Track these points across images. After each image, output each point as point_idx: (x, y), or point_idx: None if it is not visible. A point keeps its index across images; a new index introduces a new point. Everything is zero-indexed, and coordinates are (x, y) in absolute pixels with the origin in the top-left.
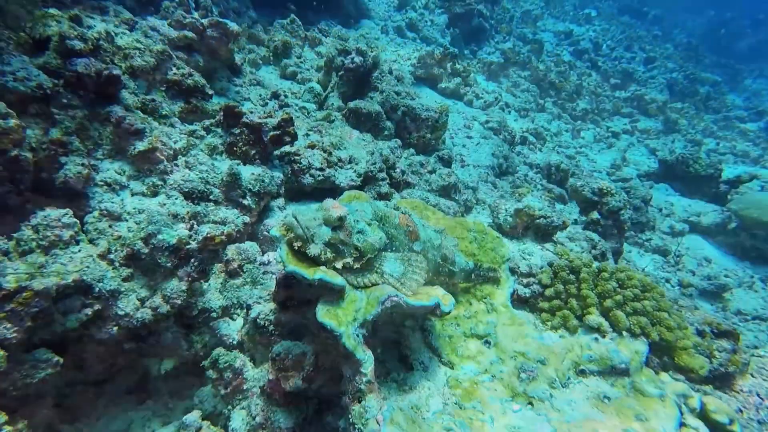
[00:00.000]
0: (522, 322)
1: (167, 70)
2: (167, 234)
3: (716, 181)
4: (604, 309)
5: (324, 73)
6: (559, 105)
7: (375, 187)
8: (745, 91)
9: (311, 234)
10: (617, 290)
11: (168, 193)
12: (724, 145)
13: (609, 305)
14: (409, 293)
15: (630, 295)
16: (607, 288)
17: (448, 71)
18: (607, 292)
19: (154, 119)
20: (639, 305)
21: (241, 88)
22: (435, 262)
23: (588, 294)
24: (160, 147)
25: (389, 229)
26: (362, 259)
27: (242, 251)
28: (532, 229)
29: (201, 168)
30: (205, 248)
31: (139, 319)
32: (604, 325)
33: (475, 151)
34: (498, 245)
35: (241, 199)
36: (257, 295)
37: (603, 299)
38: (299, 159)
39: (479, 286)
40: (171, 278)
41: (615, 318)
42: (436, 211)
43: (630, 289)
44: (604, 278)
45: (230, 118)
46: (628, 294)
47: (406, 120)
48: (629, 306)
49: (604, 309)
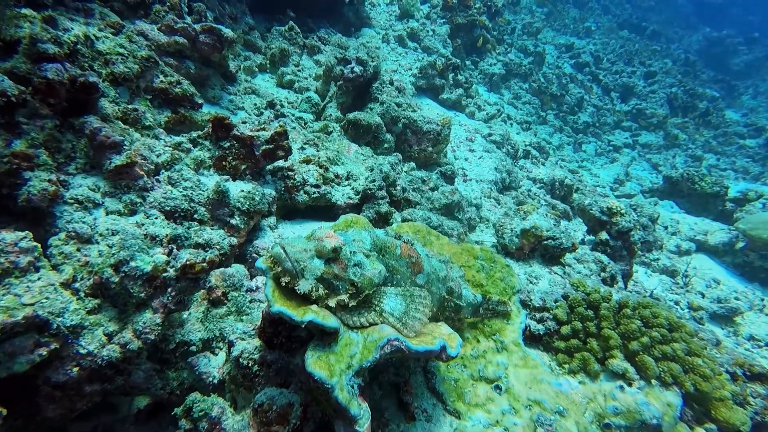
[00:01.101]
0: (536, 364)
1: (153, 77)
2: (141, 260)
3: (722, 198)
4: (629, 352)
5: (322, 83)
6: (560, 117)
7: (374, 206)
8: (742, 107)
9: (301, 268)
10: (643, 330)
11: (147, 211)
12: (724, 161)
13: (635, 348)
14: (412, 335)
15: (657, 337)
16: (631, 327)
17: (450, 82)
18: (632, 333)
19: (135, 130)
20: (668, 349)
21: (236, 96)
22: (440, 296)
23: (610, 334)
24: (139, 161)
25: (390, 260)
26: (359, 296)
27: (227, 277)
28: (539, 250)
29: (185, 184)
30: (183, 277)
31: (105, 358)
32: (630, 371)
33: (477, 165)
34: (507, 274)
35: (228, 218)
36: (241, 330)
37: (627, 340)
38: (293, 175)
39: (487, 321)
40: (144, 310)
41: (643, 364)
42: (440, 236)
43: (656, 329)
44: (627, 315)
45: (220, 131)
46: (655, 335)
47: (407, 132)
48: (657, 349)
49: (629, 352)
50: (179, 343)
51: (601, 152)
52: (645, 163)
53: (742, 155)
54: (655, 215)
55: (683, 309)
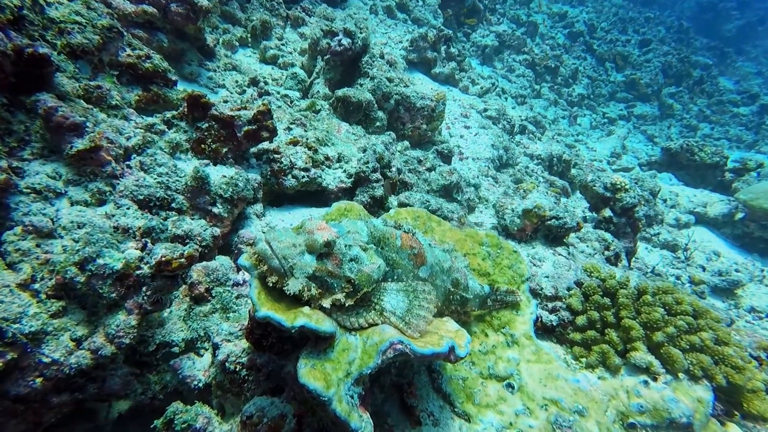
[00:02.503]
0: (550, 359)
1: (118, 50)
2: (110, 257)
3: (721, 169)
4: (653, 343)
5: (308, 57)
6: (555, 90)
7: (368, 190)
8: (735, 74)
9: (290, 266)
10: (667, 319)
11: (117, 201)
12: (718, 130)
13: (660, 339)
14: (416, 335)
15: (683, 326)
16: (654, 317)
17: (442, 55)
18: (655, 322)
19: (101, 110)
20: (696, 339)
21: (215, 73)
22: (444, 289)
23: (632, 325)
24: (105, 145)
25: (389, 253)
26: (356, 294)
27: (210, 271)
28: (542, 231)
29: (160, 170)
30: (159, 274)
31: (74, 366)
32: (655, 364)
33: (474, 143)
34: (515, 261)
35: (210, 206)
36: (226, 331)
37: (650, 331)
38: (280, 158)
39: (496, 312)
40: (117, 311)
41: (669, 356)
42: (442, 222)
43: (681, 317)
44: (647, 302)
45: (196, 110)
46: (681, 324)
47: (400, 109)
48: (684, 340)
49: (653, 343)
50: (160, 345)
51: (596, 125)
52: (641, 135)
53: (735, 123)
54: (656, 189)
55: (684, 283)
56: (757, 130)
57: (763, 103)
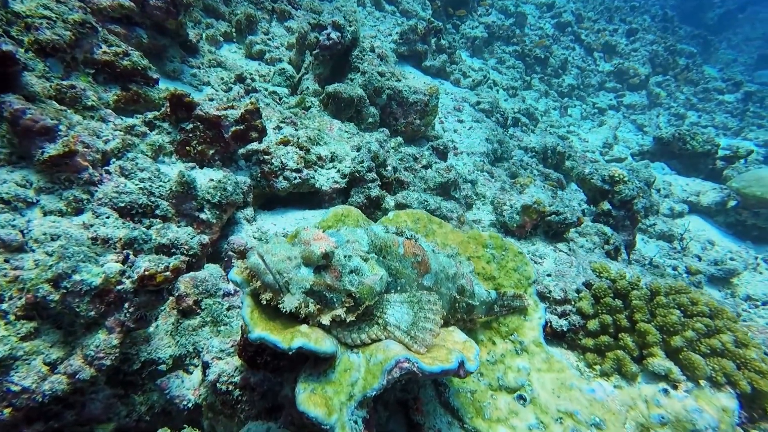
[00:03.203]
0: (562, 367)
1: (93, 47)
2: (87, 272)
3: (713, 157)
4: (671, 348)
5: (296, 52)
6: (545, 81)
7: (364, 190)
8: (718, 61)
9: (285, 281)
10: (684, 322)
11: (96, 210)
12: (705, 118)
13: (678, 344)
14: (423, 350)
15: (702, 328)
16: (670, 319)
17: (432, 48)
18: (672, 325)
19: (75, 112)
20: (717, 342)
21: (199, 70)
22: (450, 296)
23: (647, 329)
24: (81, 150)
25: (392, 262)
26: (358, 308)
27: (199, 282)
28: (541, 227)
29: (142, 175)
30: (143, 289)
31: (48, 393)
32: (674, 371)
33: (467, 137)
34: (521, 263)
35: (197, 212)
36: (217, 348)
37: (668, 335)
38: (270, 159)
39: (503, 318)
40: (96, 330)
41: (689, 362)
42: (443, 224)
43: (698, 318)
44: (662, 304)
45: (180, 110)
46: (699, 327)
47: (392, 105)
48: (704, 344)
49: (671, 348)
50: (145, 362)
51: (586, 116)
52: (630, 125)
53: (721, 111)
54: (651, 179)
55: (681, 273)
56: (741, 117)
57: (747, 91)
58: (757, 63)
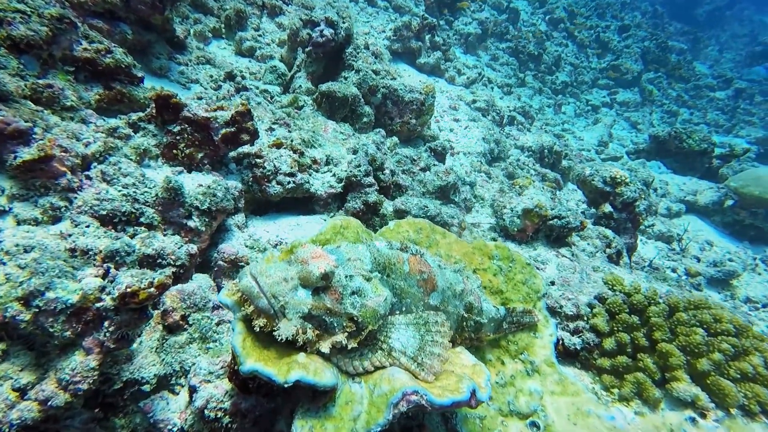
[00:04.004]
0: (577, 390)
1: (72, 44)
2: (63, 288)
3: (709, 156)
4: (696, 372)
5: (288, 49)
6: (539, 78)
7: (361, 196)
8: (708, 58)
9: (281, 305)
10: (710, 342)
11: (74, 218)
12: (697, 115)
13: (705, 368)
14: (431, 378)
15: (729, 350)
16: (694, 340)
17: (426, 44)
18: (696, 346)
19: (53, 112)
20: (747, 366)
21: (187, 67)
22: (458, 315)
23: (670, 350)
24: (58, 154)
25: (397, 281)
26: (360, 333)
27: (187, 296)
28: (543, 231)
29: (125, 180)
30: (124, 307)
31: (16, 423)
32: (702, 398)
33: (464, 136)
34: (529, 276)
35: (185, 220)
36: (205, 369)
37: (692, 356)
38: (262, 162)
39: (512, 336)
40: (72, 351)
41: (719, 389)
42: (447, 234)
43: (724, 338)
44: (682, 321)
45: (166, 112)
46: (726, 347)
47: (388, 104)
48: (733, 368)
49: (696, 372)
50: (127, 382)
51: (580, 113)
52: (624, 122)
53: (712, 108)
54: (649, 179)
55: (681, 275)
56: (732, 114)
57: (738, 88)
58: (745, 60)
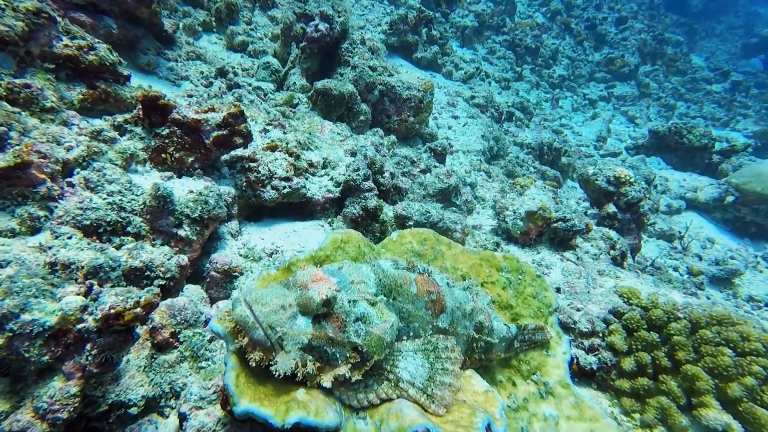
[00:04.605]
0: (595, 415)
1: (51, 40)
2: (40, 310)
3: (709, 151)
4: (727, 398)
5: (281, 44)
6: (536, 72)
7: (360, 201)
8: (704, 50)
9: (279, 336)
10: (739, 363)
11: (55, 229)
12: (693, 108)
13: (737, 394)
14: (442, 411)
15: (761, 372)
16: (723, 362)
17: (423, 38)
18: (725, 369)
19: (31, 114)
20: None
21: (176, 63)
22: (468, 336)
23: (697, 374)
24: (36, 160)
25: (404, 304)
26: (365, 364)
27: (177, 312)
28: (547, 234)
29: (111, 188)
30: (108, 329)
31: None
32: (735, 427)
33: (463, 134)
34: (540, 289)
35: (175, 228)
36: (197, 394)
37: (721, 380)
38: (256, 166)
39: (523, 355)
40: (51, 377)
41: (754, 417)
42: (452, 244)
43: (754, 359)
44: (707, 339)
45: (153, 114)
46: (757, 370)
47: (385, 101)
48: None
49: (727, 398)
50: (113, 405)
51: (577, 107)
52: (621, 116)
53: (709, 101)
54: (651, 176)
55: (683, 275)
56: (729, 107)
57: (735, 80)
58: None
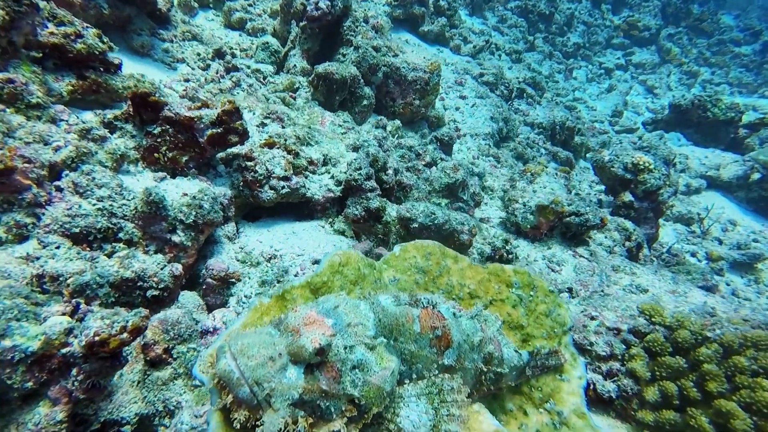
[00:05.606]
0: None
1: (36, 27)
2: (22, 335)
3: (735, 125)
4: None
5: (281, 21)
6: (549, 41)
7: (361, 201)
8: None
9: (266, 392)
10: None
11: (42, 238)
12: (719, 74)
13: None
14: None
15: None
16: (762, 397)
17: (430, 9)
18: (765, 405)
19: (16, 112)
20: None
21: (172, 44)
22: (476, 369)
23: (734, 411)
24: (20, 166)
25: (406, 345)
26: (363, 418)
27: (170, 326)
28: (558, 228)
29: (100, 192)
30: (93, 356)
31: None
32: None
33: (471, 115)
34: (553, 305)
35: (168, 234)
36: (187, 424)
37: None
38: (254, 165)
39: (535, 381)
40: (37, 402)
41: None
42: (459, 257)
43: None
44: (741, 367)
45: (144, 111)
46: None
47: (389, 83)
48: None
49: None
50: (106, 423)
51: (592, 77)
52: (639, 86)
53: (736, 65)
54: (671, 156)
55: (701, 260)
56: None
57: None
58: None
